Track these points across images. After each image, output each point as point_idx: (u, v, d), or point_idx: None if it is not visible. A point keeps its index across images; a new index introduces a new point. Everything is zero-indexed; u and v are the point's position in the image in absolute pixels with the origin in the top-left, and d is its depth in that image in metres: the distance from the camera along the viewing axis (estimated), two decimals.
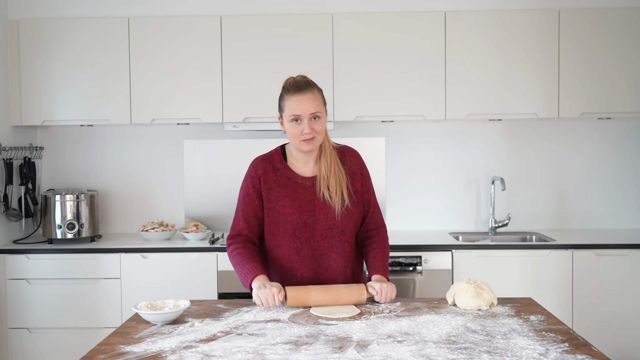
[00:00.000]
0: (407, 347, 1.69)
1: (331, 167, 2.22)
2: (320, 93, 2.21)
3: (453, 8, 3.75)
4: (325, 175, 2.22)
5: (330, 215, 2.22)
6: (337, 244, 2.24)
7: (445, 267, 3.41)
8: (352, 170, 2.28)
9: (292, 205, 2.21)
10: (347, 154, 2.31)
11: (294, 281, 2.24)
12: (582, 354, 1.63)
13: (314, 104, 2.15)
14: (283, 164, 2.26)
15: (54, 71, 3.70)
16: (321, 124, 2.17)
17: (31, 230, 3.87)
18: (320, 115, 2.17)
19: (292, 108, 2.15)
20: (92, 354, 1.70)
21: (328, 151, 2.24)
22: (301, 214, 2.21)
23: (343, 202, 2.22)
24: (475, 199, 4.03)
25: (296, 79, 2.22)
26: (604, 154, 3.99)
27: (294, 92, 2.16)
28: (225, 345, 1.73)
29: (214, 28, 3.67)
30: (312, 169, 2.26)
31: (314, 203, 2.22)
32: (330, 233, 2.23)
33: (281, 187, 2.23)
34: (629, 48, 3.64)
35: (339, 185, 2.22)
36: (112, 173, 4.04)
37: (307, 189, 2.23)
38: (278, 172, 2.25)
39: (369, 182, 2.34)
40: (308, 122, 2.14)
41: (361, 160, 2.34)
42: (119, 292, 3.46)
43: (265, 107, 3.64)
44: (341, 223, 2.23)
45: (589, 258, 3.41)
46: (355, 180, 2.28)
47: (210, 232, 3.77)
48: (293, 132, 2.16)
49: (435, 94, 3.67)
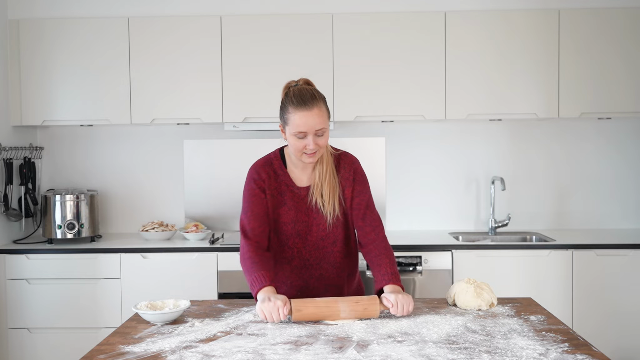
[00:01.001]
0: (407, 347, 1.69)
1: (326, 175, 2.17)
2: (325, 105, 2.10)
3: (453, 8, 3.75)
4: (320, 183, 2.17)
5: (322, 226, 2.19)
6: (328, 254, 2.23)
7: (445, 267, 3.40)
8: (345, 177, 2.22)
9: (288, 214, 2.19)
10: (342, 161, 2.23)
11: (283, 288, 2.23)
12: (582, 354, 1.64)
13: (319, 120, 2.05)
14: (283, 171, 2.21)
15: (54, 71, 3.70)
16: (325, 138, 2.10)
17: (31, 230, 3.87)
18: (325, 130, 2.08)
19: (297, 124, 2.04)
20: (92, 354, 1.70)
21: (325, 159, 2.18)
22: (295, 224, 2.19)
23: (334, 212, 2.18)
24: (475, 199, 4.03)
25: (300, 87, 2.10)
26: (604, 154, 3.99)
27: (300, 106, 2.04)
28: (225, 345, 1.73)
29: (214, 28, 3.67)
30: (309, 176, 2.21)
31: (308, 213, 2.19)
32: (322, 244, 2.21)
33: (280, 194, 2.20)
34: (629, 48, 3.64)
35: (332, 193, 2.17)
36: (112, 173, 4.04)
37: (302, 198, 2.20)
38: (278, 179, 2.20)
39: (363, 186, 2.24)
40: (313, 138, 2.06)
41: (357, 166, 2.25)
42: (119, 292, 3.46)
43: (265, 107, 3.64)
44: (332, 234, 2.21)
45: (589, 258, 3.41)
46: (346, 187, 2.22)
47: (210, 232, 3.77)
48: (296, 145, 2.08)
49: (435, 94, 3.67)
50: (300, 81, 2.15)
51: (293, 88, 2.11)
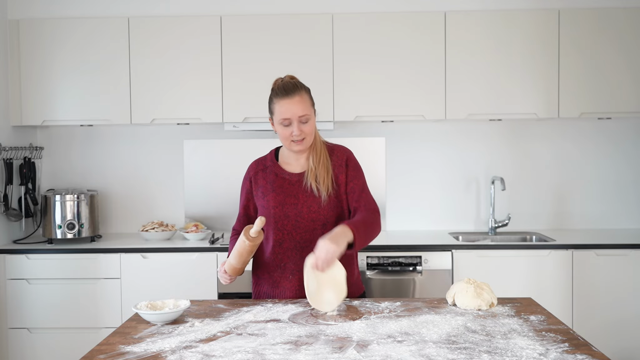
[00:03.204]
0: (407, 347, 1.69)
1: (320, 159, 2.30)
2: (308, 94, 2.28)
3: (453, 8, 3.75)
4: (314, 167, 2.29)
5: (313, 207, 2.28)
6: (318, 236, 2.22)
7: (445, 267, 3.40)
8: (339, 164, 2.32)
9: (276, 199, 2.30)
10: (335, 150, 2.37)
11: (279, 272, 2.32)
12: (582, 354, 1.63)
13: (301, 107, 2.22)
14: (273, 162, 2.37)
15: (53, 71, 3.70)
16: (310, 125, 2.26)
17: (31, 230, 3.87)
18: (309, 117, 2.25)
19: (281, 112, 2.23)
20: (92, 354, 1.70)
21: (318, 147, 2.32)
22: (283, 207, 2.29)
23: (328, 189, 2.28)
24: (475, 199, 4.03)
25: (284, 80, 2.27)
26: (604, 154, 3.99)
27: (282, 95, 2.23)
28: (225, 345, 1.73)
29: (214, 28, 3.67)
30: (303, 165, 2.34)
31: (298, 197, 2.30)
32: (313, 226, 2.28)
33: (269, 183, 2.34)
34: (629, 48, 3.64)
35: (326, 174, 2.28)
36: (112, 173, 4.04)
37: (292, 183, 2.32)
38: (267, 170, 2.36)
39: (357, 172, 2.34)
40: (297, 124, 2.22)
41: (349, 154, 2.37)
42: (119, 292, 3.46)
43: (265, 107, 3.57)
44: (323, 216, 2.28)
45: (589, 258, 3.41)
46: (340, 173, 2.32)
47: (210, 232, 3.77)
48: (283, 134, 2.26)
49: (435, 94, 3.67)
50: (285, 77, 2.31)
51: (277, 81, 2.29)
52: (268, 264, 2.34)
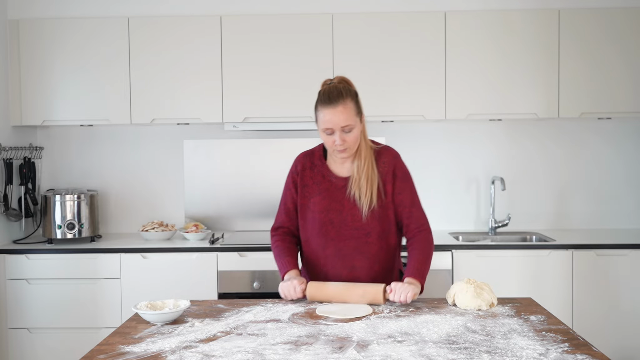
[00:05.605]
0: (407, 347, 1.69)
1: (364, 167, 2.24)
2: (354, 101, 2.20)
3: (453, 8, 3.75)
4: (358, 176, 2.24)
5: (357, 216, 2.25)
6: (362, 245, 2.26)
7: (445, 267, 3.40)
8: (385, 172, 2.27)
9: (322, 203, 2.27)
10: (382, 155, 2.30)
11: (320, 276, 2.31)
12: (582, 354, 1.64)
13: (344, 117, 2.16)
14: (321, 162, 2.33)
15: (53, 71, 3.70)
16: (353, 135, 2.19)
17: (31, 230, 3.87)
18: (352, 127, 2.18)
19: (323, 121, 2.18)
20: (92, 354, 1.70)
21: (364, 153, 2.25)
22: (328, 213, 2.26)
23: (371, 203, 2.23)
24: (475, 199, 4.03)
25: (330, 85, 2.21)
26: (604, 154, 3.99)
27: (326, 104, 2.17)
28: (225, 345, 1.73)
29: (214, 28, 3.67)
30: (349, 169, 2.29)
31: (343, 203, 2.26)
32: (357, 234, 2.26)
33: (315, 184, 2.30)
34: (629, 48, 3.64)
35: (369, 186, 2.23)
36: (112, 173, 4.04)
37: (339, 188, 2.27)
38: (315, 169, 2.32)
39: (406, 183, 2.30)
40: (340, 134, 2.17)
41: (398, 161, 2.31)
42: (119, 292, 3.46)
43: (265, 107, 3.65)
44: (367, 225, 2.25)
45: (589, 258, 3.41)
46: (387, 182, 2.27)
47: (210, 232, 3.77)
48: (326, 141, 2.22)
49: (435, 94, 3.67)
50: (335, 79, 2.26)
51: (324, 86, 2.24)
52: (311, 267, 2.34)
